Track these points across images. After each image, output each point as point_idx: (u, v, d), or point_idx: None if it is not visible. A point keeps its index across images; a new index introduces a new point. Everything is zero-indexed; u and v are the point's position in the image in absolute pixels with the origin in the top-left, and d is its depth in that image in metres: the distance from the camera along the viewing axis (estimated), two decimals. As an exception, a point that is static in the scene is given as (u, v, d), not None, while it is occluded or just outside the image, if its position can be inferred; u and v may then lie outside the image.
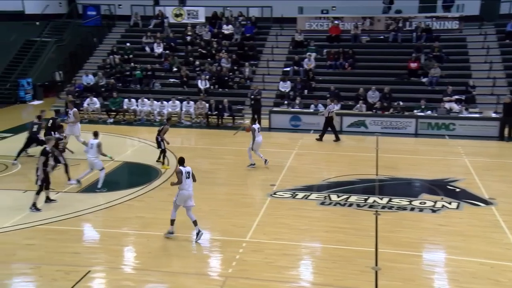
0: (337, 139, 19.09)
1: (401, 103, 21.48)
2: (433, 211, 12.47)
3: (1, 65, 26.74)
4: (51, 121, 16.03)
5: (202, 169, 15.63)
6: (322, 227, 11.62)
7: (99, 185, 13.54)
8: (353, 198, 13.20)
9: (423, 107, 20.89)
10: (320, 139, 19.13)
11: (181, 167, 10.76)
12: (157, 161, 15.88)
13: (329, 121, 19.11)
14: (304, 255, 10.49)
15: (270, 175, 15.05)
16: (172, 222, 10.83)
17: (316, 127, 20.62)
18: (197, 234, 10.70)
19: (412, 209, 12.58)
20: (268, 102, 22.65)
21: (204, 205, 12.81)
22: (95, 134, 13.78)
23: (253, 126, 15.68)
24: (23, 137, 16.55)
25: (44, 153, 12.32)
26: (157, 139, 15.74)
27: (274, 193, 13.62)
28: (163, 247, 10.51)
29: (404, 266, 9.80)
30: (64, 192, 13.47)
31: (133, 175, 15.66)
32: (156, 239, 10.86)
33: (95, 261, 9.87)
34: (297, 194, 13.53)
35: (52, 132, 15.39)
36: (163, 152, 15.78)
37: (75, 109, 17.29)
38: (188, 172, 10.76)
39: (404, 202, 12.94)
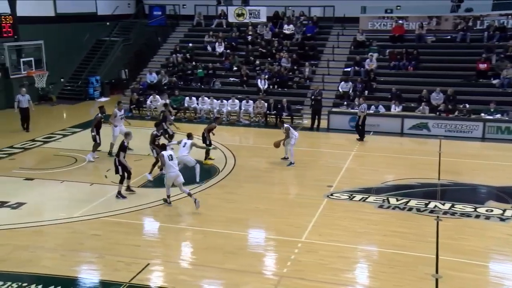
0: (361, 139, 18.93)
1: (467, 105, 20.59)
2: (502, 219, 11.86)
3: (74, 64, 28.14)
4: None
5: (259, 168, 15.75)
6: (379, 230, 11.37)
7: (197, 179, 14.18)
8: (413, 202, 12.81)
9: (492, 110, 19.90)
10: (361, 139, 19.01)
11: (163, 152, 12.19)
12: (208, 158, 16.20)
13: (363, 120, 19.02)
14: (360, 258, 10.30)
15: (327, 176, 14.90)
16: (168, 196, 12.46)
17: (376, 129, 20.26)
18: (195, 201, 12.18)
19: (477, 216, 12.03)
20: (327, 102, 22.40)
21: (260, 204, 12.91)
22: (189, 136, 14.43)
23: (286, 125, 16.21)
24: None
25: (122, 148, 12.97)
26: (202, 134, 16.07)
27: (331, 194, 13.48)
28: (219, 244, 10.66)
29: (467, 275, 9.39)
30: (127, 186, 13.97)
31: (192, 172, 15.96)
32: (212, 235, 11.05)
33: (154, 255, 10.18)
34: (354, 196, 13.32)
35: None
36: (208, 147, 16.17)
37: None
38: (171, 155, 12.17)
39: (468, 208, 12.40)
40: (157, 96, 22.94)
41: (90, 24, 28.40)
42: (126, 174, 13.10)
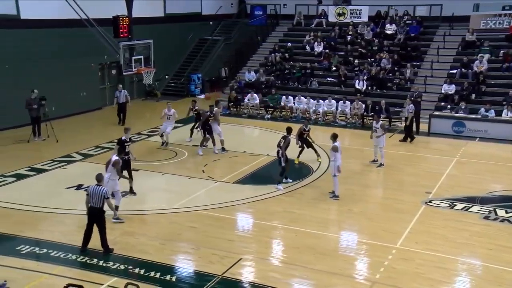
0: (405, 140, 18.50)
1: None
2: None
3: (178, 62, 29.58)
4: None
5: (354, 170, 15.44)
6: (484, 243, 10.64)
7: (336, 192, 13.06)
8: (525, 216, 11.81)
9: None
10: (404, 140, 18.49)
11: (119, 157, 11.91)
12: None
13: (410, 121, 18.51)
14: (461, 271, 9.72)
15: (426, 182, 14.25)
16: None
17: (483, 135, 19.00)
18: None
19: None
20: (429, 105, 21.39)
21: (355, 206, 12.67)
22: (335, 137, 13.21)
23: (382, 122, 15.89)
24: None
25: (119, 142, 13.26)
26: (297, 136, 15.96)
27: (430, 201, 12.88)
28: (311, 244, 10.63)
29: None
30: (222, 181, 14.42)
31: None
32: (304, 235, 11.04)
33: (246, 250, 10.40)
34: (455, 205, 12.59)
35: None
36: (301, 148, 16.00)
37: (216, 108, 17.64)
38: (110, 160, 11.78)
39: None
40: (255, 95, 23.37)
41: (194, 23, 29.65)
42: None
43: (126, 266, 9.69)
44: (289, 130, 14.37)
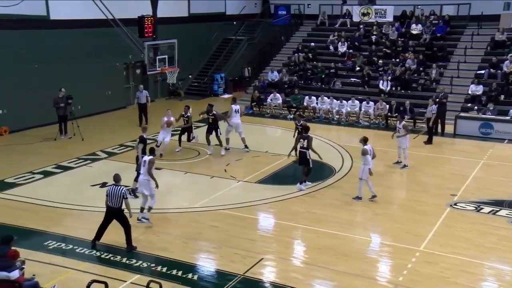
0: (429, 142, 18.02)
1: None
2: None
3: (202, 61, 29.75)
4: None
5: (377, 171, 15.21)
6: (513, 248, 10.43)
7: (359, 195, 12.92)
8: (556, 221, 11.50)
9: None
10: (428, 142, 18.12)
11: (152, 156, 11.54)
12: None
13: (433, 122, 18.29)
14: (488, 276, 9.54)
15: (452, 184, 14.02)
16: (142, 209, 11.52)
17: (512, 137, 18.59)
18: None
19: None
20: (454, 106, 21.00)
21: (378, 208, 12.55)
22: (365, 140, 13.14)
23: (405, 122, 15.75)
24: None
25: (141, 140, 13.08)
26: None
27: (455, 204, 12.66)
28: (332, 245, 10.57)
29: None
30: (244, 181, 14.43)
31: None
32: (325, 236, 10.98)
33: (267, 250, 10.39)
34: (482, 208, 12.35)
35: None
36: None
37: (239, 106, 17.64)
38: (145, 161, 11.48)
39: None
40: (278, 94, 23.34)
41: (218, 23, 29.76)
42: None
43: (149, 263, 9.80)
44: (307, 129, 14.31)
